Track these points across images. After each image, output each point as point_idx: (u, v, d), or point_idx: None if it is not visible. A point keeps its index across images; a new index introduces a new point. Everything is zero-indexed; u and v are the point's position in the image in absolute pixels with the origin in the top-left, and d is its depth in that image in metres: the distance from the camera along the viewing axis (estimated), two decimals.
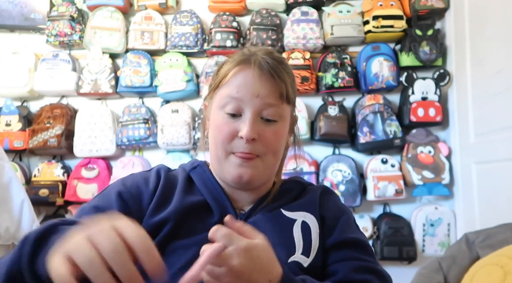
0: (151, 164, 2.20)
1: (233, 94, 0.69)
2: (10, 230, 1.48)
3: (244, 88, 0.69)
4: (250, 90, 0.69)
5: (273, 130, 0.71)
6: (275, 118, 0.71)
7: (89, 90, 2.12)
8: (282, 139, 0.74)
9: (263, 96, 0.69)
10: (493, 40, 1.81)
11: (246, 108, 0.69)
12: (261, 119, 0.70)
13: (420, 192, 2.06)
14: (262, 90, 0.69)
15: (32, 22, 2.22)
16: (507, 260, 0.98)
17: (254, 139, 0.68)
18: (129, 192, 0.70)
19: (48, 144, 2.05)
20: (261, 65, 0.70)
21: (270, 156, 0.71)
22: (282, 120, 0.72)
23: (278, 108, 0.71)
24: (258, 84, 0.69)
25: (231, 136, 0.69)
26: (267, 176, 0.74)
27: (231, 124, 0.70)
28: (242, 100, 0.69)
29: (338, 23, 2.14)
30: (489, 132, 1.81)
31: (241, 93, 0.69)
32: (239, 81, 0.70)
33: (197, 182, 0.75)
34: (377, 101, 2.11)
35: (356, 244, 0.71)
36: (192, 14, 2.20)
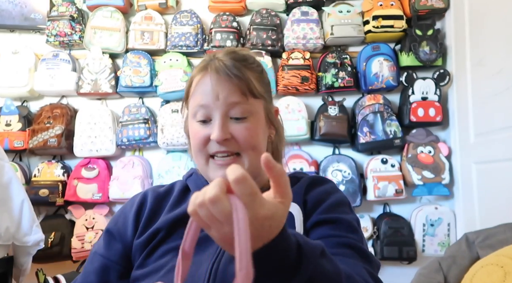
0: (151, 164, 2.20)
1: (199, 102, 0.71)
2: (10, 230, 1.48)
3: (205, 94, 0.71)
4: (211, 94, 0.70)
5: (245, 127, 0.71)
6: (244, 115, 0.71)
7: (89, 90, 2.12)
8: (258, 133, 0.73)
9: (224, 97, 0.70)
10: (493, 40, 1.81)
11: (213, 112, 0.71)
12: (231, 119, 0.71)
13: (420, 192, 2.06)
14: (221, 91, 0.70)
15: (32, 22, 2.22)
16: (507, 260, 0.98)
17: (227, 139, 0.70)
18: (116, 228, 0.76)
19: (48, 144, 2.05)
20: (217, 68, 0.71)
21: (250, 152, 0.72)
22: (253, 115, 0.72)
23: (244, 104, 0.71)
24: (216, 87, 0.70)
25: (205, 141, 0.71)
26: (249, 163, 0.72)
27: (203, 130, 0.72)
28: (208, 106, 0.71)
29: (338, 23, 2.14)
30: (489, 132, 1.81)
31: (205, 100, 0.71)
32: (201, 88, 0.72)
33: (192, 188, 0.78)
34: (377, 101, 2.11)
35: (335, 221, 0.68)
36: (192, 14, 2.20)
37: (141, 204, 0.78)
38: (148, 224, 0.74)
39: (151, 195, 0.79)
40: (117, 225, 0.77)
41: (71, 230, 2.05)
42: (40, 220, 1.97)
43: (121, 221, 0.77)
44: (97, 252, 0.75)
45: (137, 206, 0.77)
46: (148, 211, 0.76)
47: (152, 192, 0.80)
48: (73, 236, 2.02)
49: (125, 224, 0.76)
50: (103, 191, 2.07)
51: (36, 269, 1.62)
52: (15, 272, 1.60)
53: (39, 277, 1.59)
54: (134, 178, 2.05)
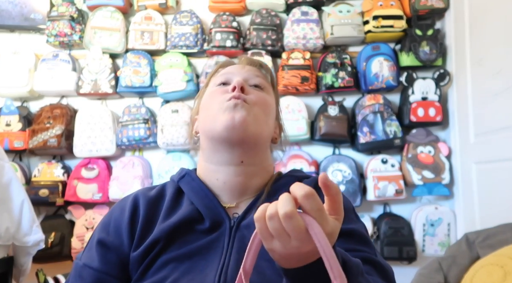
0: (151, 164, 2.20)
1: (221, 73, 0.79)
2: (10, 230, 1.48)
3: (232, 69, 0.79)
4: (238, 66, 0.80)
5: (261, 94, 0.76)
6: (261, 86, 0.77)
7: (89, 90, 2.12)
8: (270, 108, 0.77)
9: (249, 69, 0.79)
10: (493, 40, 1.81)
11: (234, 77, 0.76)
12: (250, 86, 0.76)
13: (420, 192, 2.06)
14: (248, 67, 0.79)
15: (32, 22, 2.22)
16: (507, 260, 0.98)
17: (244, 88, 0.73)
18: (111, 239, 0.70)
19: (48, 144, 2.05)
20: (247, 59, 0.82)
21: (259, 110, 0.73)
22: (268, 92, 0.78)
23: (263, 80, 0.78)
24: (245, 64, 0.80)
25: (223, 93, 0.74)
26: (258, 129, 0.72)
27: (223, 88, 0.75)
28: (233, 73, 0.78)
29: (338, 23, 2.14)
30: (489, 132, 1.81)
31: (231, 69, 0.79)
32: (227, 70, 0.79)
33: (186, 191, 0.74)
34: (377, 101, 2.11)
35: (349, 234, 0.67)
36: (192, 14, 2.20)
37: (134, 211, 0.72)
38: (144, 234, 0.69)
39: (143, 200, 0.73)
40: (110, 236, 0.70)
41: (71, 230, 2.05)
42: (40, 220, 1.97)
43: (113, 230, 0.70)
44: (87, 266, 0.67)
45: (129, 214, 0.71)
46: (142, 219, 0.70)
47: (143, 196, 0.74)
48: (73, 236, 2.02)
49: (119, 235, 0.70)
50: (103, 191, 2.07)
51: (36, 269, 1.62)
52: (15, 272, 1.60)
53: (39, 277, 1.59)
54: (134, 178, 2.05)
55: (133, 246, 0.68)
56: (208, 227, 0.68)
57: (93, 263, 0.67)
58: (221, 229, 0.68)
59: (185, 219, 0.68)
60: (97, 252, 0.68)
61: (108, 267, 0.67)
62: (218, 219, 0.69)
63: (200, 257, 0.65)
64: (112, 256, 0.68)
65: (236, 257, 0.64)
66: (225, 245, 0.66)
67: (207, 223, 0.68)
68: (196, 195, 0.72)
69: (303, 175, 0.80)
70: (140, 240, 0.68)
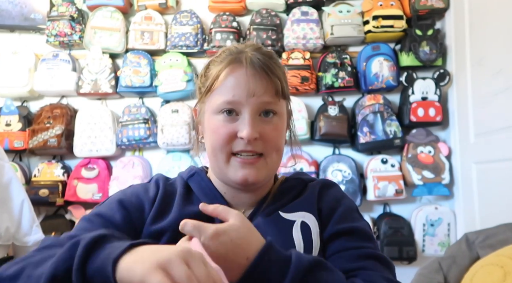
0: (151, 164, 2.20)
1: (228, 98, 0.67)
2: (10, 230, 1.48)
3: (238, 89, 0.67)
4: (246, 90, 0.66)
5: (273, 127, 0.69)
6: (274, 111, 0.70)
7: (89, 90, 2.12)
8: (282, 134, 0.73)
9: (259, 95, 0.67)
10: (493, 40, 1.81)
11: (243, 108, 0.67)
12: (259, 116, 0.69)
13: (420, 192, 2.06)
14: (258, 88, 0.67)
15: (32, 22, 2.22)
16: (507, 260, 0.98)
17: (256, 138, 0.67)
18: (130, 201, 0.70)
19: (48, 144, 2.05)
20: (253, 62, 0.67)
21: (274, 155, 0.70)
22: (279, 116, 0.71)
23: (275, 105, 0.69)
24: (253, 83, 0.67)
25: (230, 137, 0.68)
26: (271, 174, 0.74)
27: (229, 125, 0.68)
28: (239, 102, 0.67)
29: (338, 23, 2.14)
30: (489, 132, 1.81)
31: (237, 96, 0.67)
32: (233, 83, 0.67)
33: (195, 190, 0.74)
34: (377, 101, 2.11)
35: (351, 232, 0.69)
36: (192, 14, 2.20)
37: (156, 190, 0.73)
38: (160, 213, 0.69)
39: (163, 183, 0.74)
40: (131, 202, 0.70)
41: (71, 230, 2.05)
42: (40, 220, 1.97)
43: (135, 201, 0.70)
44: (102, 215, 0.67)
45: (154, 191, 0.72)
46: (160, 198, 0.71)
47: (163, 179, 0.76)
48: None
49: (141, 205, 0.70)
50: (103, 191, 2.07)
51: None
52: None
53: None
54: (134, 178, 2.04)
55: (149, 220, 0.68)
56: None
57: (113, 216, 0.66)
58: None
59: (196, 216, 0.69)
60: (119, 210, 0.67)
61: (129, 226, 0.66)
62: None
63: None
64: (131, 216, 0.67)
65: None
66: None
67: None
68: (205, 195, 0.73)
69: (309, 178, 0.80)
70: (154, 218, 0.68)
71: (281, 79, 0.70)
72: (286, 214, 0.71)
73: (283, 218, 0.70)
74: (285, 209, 0.71)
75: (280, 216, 0.70)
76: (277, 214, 0.71)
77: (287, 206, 0.72)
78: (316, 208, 0.72)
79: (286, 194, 0.75)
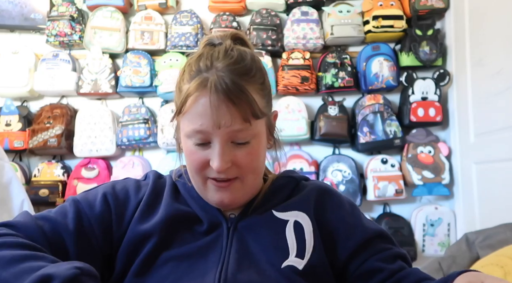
0: (151, 164, 2.20)
1: (196, 128, 0.63)
2: None
3: (205, 119, 0.62)
4: (212, 121, 0.61)
5: (247, 152, 0.65)
6: (246, 140, 0.65)
7: (89, 90, 2.12)
8: (259, 155, 0.69)
9: (227, 125, 0.61)
10: (493, 40, 1.81)
11: (213, 137, 0.63)
12: (232, 143, 0.64)
13: (420, 192, 2.06)
14: (223, 120, 0.61)
15: (32, 22, 2.22)
16: (507, 260, 0.98)
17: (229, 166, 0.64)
18: (116, 196, 0.70)
19: (48, 144, 2.05)
20: (217, 88, 0.60)
21: (250, 176, 0.68)
22: (255, 138, 0.66)
23: (247, 130, 0.64)
24: (217, 115, 0.61)
25: (203, 165, 0.65)
26: (250, 193, 0.71)
27: (201, 153, 0.65)
28: (207, 132, 0.63)
29: (338, 23, 2.14)
30: (489, 132, 1.81)
31: (204, 126, 0.62)
32: (199, 110, 0.62)
33: (182, 192, 0.73)
34: (377, 101, 2.11)
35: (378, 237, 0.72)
36: (192, 14, 2.20)
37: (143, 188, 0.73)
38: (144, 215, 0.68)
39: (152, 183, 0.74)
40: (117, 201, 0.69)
41: None
42: None
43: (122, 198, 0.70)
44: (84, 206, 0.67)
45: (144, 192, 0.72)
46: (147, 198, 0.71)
47: (153, 179, 0.75)
48: None
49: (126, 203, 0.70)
50: None
51: None
52: None
53: None
54: None
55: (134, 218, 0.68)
56: (206, 229, 0.68)
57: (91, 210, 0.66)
58: (218, 231, 0.68)
59: (184, 215, 0.69)
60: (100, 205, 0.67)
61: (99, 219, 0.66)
62: (216, 221, 0.69)
63: (200, 257, 0.65)
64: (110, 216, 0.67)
65: (235, 257, 0.64)
66: (224, 246, 0.66)
67: (205, 225, 0.68)
68: (191, 197, 0.72)
69: (301, 176, 0.79)
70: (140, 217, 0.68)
71: (252, 101, 0.63)
72: (279, 214, 0.70)
73: (277, 218, 0.69)
74: (278, 208, 0.70)
75: (274, 216, 0.69)
76: (270, 213, 0.70)
77: (281, 205, 0.71)
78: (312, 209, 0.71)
79: (278, 193, 0.74)
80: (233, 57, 0.64)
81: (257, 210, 0.71)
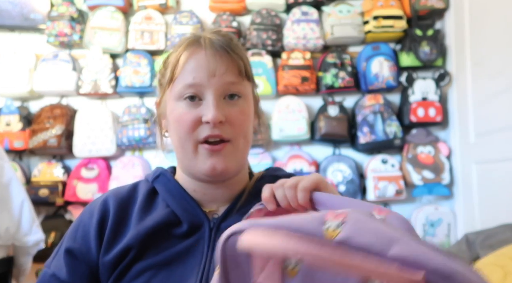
0: (151, 164, 2.20)
1: (189, 82, 0.64)
2: (10, 230, 1.48)
3: (199, 71, 0.63)
4: (206, 71, 0.63)
5: (239, 109, 0.66)
6: (239, 94, 0.66)
7: (89, 90, 2.12)
8: (250, 118, 0.69)
9: (221, 74, 0.63)
10: (493, 40, 1.81)
11: (206, 90, 0.63)
12: (224, 99, 0.65)
13: (420, 192, 2.06)
14: (219, 67, 0.63)
15: (32, 22, 2.22)
16: (507, 260, 0.98)
17: (221, 121, 0.63)
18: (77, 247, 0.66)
19: (48, 144, 2.05)
20: (213, 42, 0.64)
21: (241, 140, 0.66)
22: (246, 98, 0.67)
23: (239, 85, 0.66)
24: (213, 63, 0.63)
25: (195, 123, 0.64)
26: (240, 163, 0.69)
27: (193, 111, 0.64)
28: (201, 84, 0.63)
29: (338, 23, 2.14)
30: (489, 132, 1.81)
31: (198, 77, 0.63)
32: (193, 65, 0.64)
33: (161, 193, 0.70)
34: (377, 101, 2.11)
35: None
36: (192, 14, 2.20)
37: (103, 214, 0.67)
38: (114, 238, 0.65)
39: (113, 202, 0.68)
40: (76, 242, 0.66)
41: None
42: (40, 220, 1.97)
43: (81, 236, 0.67)
44: (56, 275, 0.65)
45: (98, 217, 0.67)
46: (112, 221, 0.66)
47: (113, 197, 0.70)
48: None
49: (87, 241, 0.66)
50: (103, 191, 2.07)
51: (36, 269, 1.62)
52: (15, 272, 1.60)
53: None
54: (134, 178, 2.04)
55: (102, 250, 0.65)
56: (186, 231, 0.65)
57: (61, 273, 0.64)
58: (200, 232, 0.65)
59: (161, 223, 0.65)
60: (65, 261, 0.65)
61: (77, 278, 0.64)
62: (197, 222, 0.66)
63: (179, 263, 0.62)
64: (80, 265, 0.65)
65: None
66: (205, 249, 0.63)
67: (185, 227, 0.65)
68: (173, 198, 0.68)
69: (284, 174, 0.77)
70: (110, 244, 0.65)
71: (243, 59, 0.67)
72: None
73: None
74: None
75: None
76: None
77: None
78: None
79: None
80: (218, 30, 0.69)
81: (241, 209, 0.68)
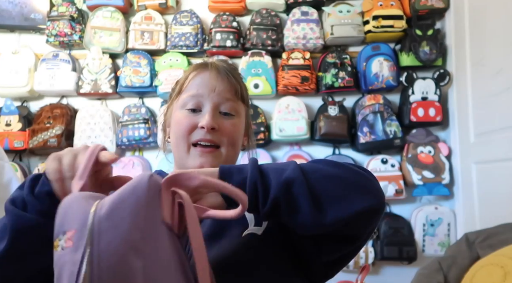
0: (151, 164, 2.20)
1: (193, 93, 0.77)
2: None
3: (203, 86, 0.78)
4: (208, 86, 0.77)
5: (232, 122, 0.78)
6: (232, 112, 0.78)
7: (89, 90, 2.12)
8: (240, 133, 0.80)
9: (220, 91, 0.77)
10: (493, 40, 1.81)
11: (205, 102, 0.77)
12: (220, 113, 0.77)
13: (420, 192, 2.06)
14: (219, 85, 0.77)
15: (32, 22, 2.22)
16: (507, 260, 0.98)
17: (214, 128, 0.75)
18: None
19: (48, 144, 2.05)
20: (218, 66, 0.80)
21: (230, 148, 0.77)
22: (239, 116, 0.80)
23: (234, 103, 0.79)
24: (215, 81, 0.77)
25: (191, 128, 0.76)
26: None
27: (191, 118, 0.77)
28: (202, 96, 0.77)
29: (338, 23, 2.14)
30: (489, 132, 1.81)
31: (201, 90, 0.77)
32: (198, 81, 0.79)
33: None
34: (377, 101, 2.11)
35: None
36: (192, 14, 2.20)
37: None
38: None
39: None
40: None
41: None
42: None
43: None
44: None
45: None
46: None
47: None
48: None
49: None
50: None
51: None
52: None
53: None
54: None
55: None
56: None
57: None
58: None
59: None
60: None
61: None
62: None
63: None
64: None
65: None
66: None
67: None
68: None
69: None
70: None
71: (241, 84, 0.81)
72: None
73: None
74: None
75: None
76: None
77: None
78: None
79: None
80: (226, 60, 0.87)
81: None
